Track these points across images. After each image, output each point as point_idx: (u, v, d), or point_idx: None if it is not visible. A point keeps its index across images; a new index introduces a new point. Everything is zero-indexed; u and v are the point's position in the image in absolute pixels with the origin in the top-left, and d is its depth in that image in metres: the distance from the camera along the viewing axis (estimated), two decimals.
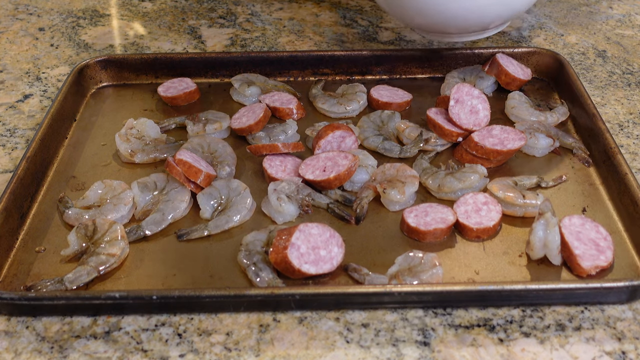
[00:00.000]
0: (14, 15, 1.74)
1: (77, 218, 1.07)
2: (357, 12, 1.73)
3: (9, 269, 1.01)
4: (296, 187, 1.11)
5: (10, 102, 1.40)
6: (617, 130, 1.29)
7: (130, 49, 1.59)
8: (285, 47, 1.59)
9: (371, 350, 0.89)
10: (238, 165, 1.20)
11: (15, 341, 0.91)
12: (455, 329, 0.92)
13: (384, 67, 1.42)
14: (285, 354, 0.89)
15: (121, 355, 0.89)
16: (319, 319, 0.94)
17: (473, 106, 1.21)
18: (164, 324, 0.93)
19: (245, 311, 0.94)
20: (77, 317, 0.94)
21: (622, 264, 1.00)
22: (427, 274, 0.96)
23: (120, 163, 1.22)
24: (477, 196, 1.08)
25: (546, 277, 0.99)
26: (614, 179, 1.12)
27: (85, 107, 1.36)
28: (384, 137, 1.24)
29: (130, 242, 1.04)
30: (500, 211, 1.07)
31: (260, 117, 1.23)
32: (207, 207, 1.09)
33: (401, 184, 1.11)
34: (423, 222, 1.04)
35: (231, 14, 1.73)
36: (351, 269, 0.99)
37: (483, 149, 1.16)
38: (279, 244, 0.97)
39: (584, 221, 1.02)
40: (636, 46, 1.57)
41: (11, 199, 1.06)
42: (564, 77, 1.36)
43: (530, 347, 0.90)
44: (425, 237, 1.04)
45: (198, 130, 1.25)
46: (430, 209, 1.07)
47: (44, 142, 1.19)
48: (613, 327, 0.92)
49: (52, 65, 1.53)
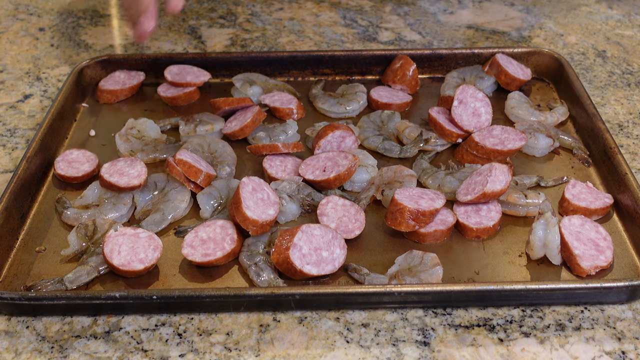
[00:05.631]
0: (14, 15, 1.74)
1: (76, 218, 1.07)
2: (357, 12, 1.73)
3: (9, 269, 1.01)
4: (297, 187, 1.11)
5: (11, 102, 1.40)
6: (617, 130, 1.29)
7: (131, 49, 1.59)
8: (285, 47, 1.59)
9: (371, 350, 0.89)
10: (238, 165, 1.20)
11: (15, 341, 0.91)
12: (455, 329, 0.92)
13: (384, 67, 1.42)
14: (285, 353, 0.89)
15: (121, 355, 0.89)
16: (319, 319, 0.94)
17: (476, 109, 1.21)
18: (164, 324, 0.93)
19: (245, 311, 0.95)
20: (77, 317, 0.94)
21: (622, 264, 1.00)
22: (427, 273, 0.96)
23: None
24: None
25: (546, 277, 0.99)
26: (614, 179, 1.12)
27: (85, 107, 1.36)
28: (384, 137, 1.24)
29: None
30: (500, 211, 1.07)
31: (248, 122, 1.22)
32: (207, 207, 1.09)
33: (399, 184, 1.11)
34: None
35: (231, 14, 1.73)
36: (351, 269, 0.99)
37: (483, 148, 1.16)
38: (281, 244, 0.97)
39: (584, 221, 1.02)
40: (636, 46, 1.57)
41: (11, 199, 1.06)
42: (564, 77, 1.36)
43: (530, 347, 0.90)
44: (425, 238, 1.04)
45: (189, 131, 1.25)
46: None
47: (44, 142, 1.19)
48: (613, 327, 0.92)
49: (52, 65, 1.53)
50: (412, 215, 1.02)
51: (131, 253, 0.98)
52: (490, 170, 1.07)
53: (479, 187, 1.06)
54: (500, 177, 1.06)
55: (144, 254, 0.99)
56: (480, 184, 1.06)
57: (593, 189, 1.10)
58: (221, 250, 1.00)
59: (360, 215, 1.07)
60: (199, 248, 1.00)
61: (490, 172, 1.06)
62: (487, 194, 1.05)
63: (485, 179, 1.06)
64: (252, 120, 1.23)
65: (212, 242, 1.01)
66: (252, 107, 1.27)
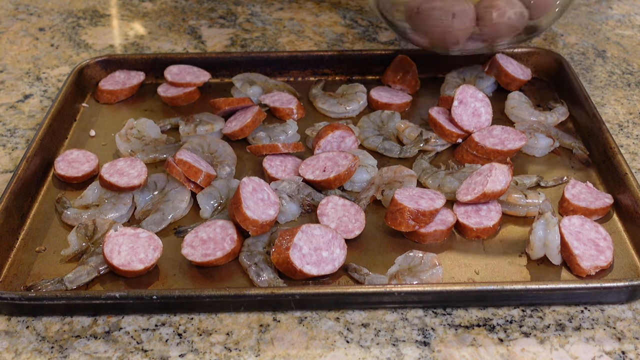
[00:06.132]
0: (14, 15, 1.74)
1: (76, 218, 1.07)
2: (357, 12, 1.73)
3: (9, 269, 1.01)
4: (297, 187, 1.11)
5: (11, 102, 1.40)
6: (617, 130, 1.29)
7: (131, 49, 1.59)
8: (285, 47, 1.59)
9: (371, 350, 0.89)
10: (238, 165, 1.20)
11: (15, 341, 0.91)
12: (455, 329, 0.92)
13: (384, 67, 1.42)
14: (285, 353, 0.89)
15: (121, 355, 0.89)
16: (319, 319, 0.94)
17: (476, 109, 1.21)
18: (164, 324, 0.93)
19: (245, 311, 0.95)
20: (77, 317, 0.94)
21: (622, 264, 1.00)
22: (427, 273, 0.96)
23: None
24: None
25: (546, 277, 0.99)
26: (614, 179, 1.12)
27: (85, 108, 1.36)
28: (384, 137, 1.24)
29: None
30: (500, 211, 1.07)
31: (248, 122, 1.22)
32: (207, 207, 1.09)
33: (399, 184, 1.11)
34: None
35: (231, 14, 1.73)
36: (351, 269, 0.99)
37: (484, 148, 1.16)
38: (281, 244, 0.97)
39: (584, 221, 1.02)
40: (636, 46, 1.57)
41: (11, 199, 1.06)
42: (564, 77, 1.36)
43: (530, 347, 0.90)
44: (425, 238, 1.04)
45: (189, 131, 1.25)
46: None
47: (44, 142, 1.19)
48: (613, 327, 0.92)
49: (52, 65, 1.53)
50: (412, 215, 1.02)
51: (131, 253, 0.98)
52: (490, 170, 1.07)
53: (479, 187, 1.06)
54: (500, 177, 1.06)
55: (144, 254, 0.99)
56: (480, 184, 1.06)
57: (593, 189, 1.10)
58: (221, 250, 1.00)
59: (360, 215, 1.07)
60: (199, 248, 1.00)
61: (490, 172, 1.06)
62: (487, 194, 1.05)
63: (485, 179, 1.06)
64: (252, 120, 1.23)
65: (212, 242, 1.01)
66: (252, 107, 1.27)
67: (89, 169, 1.17)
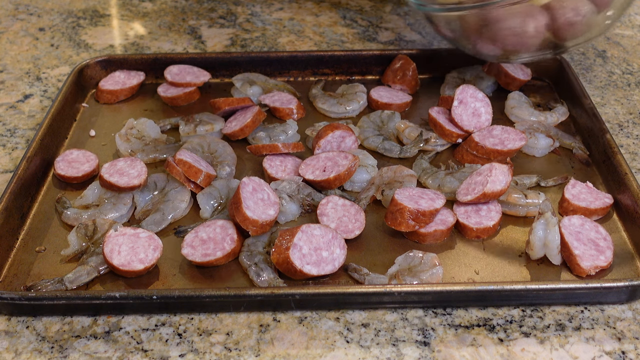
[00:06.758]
0: (14, 15, 1.74)
1: (76, 218, 1.07)
2: (357, 12, 1.73)
3: (9, 269, 1.01)
4: (297, 187, 1.11)
5: (11, 102, 1.40)
6: (617, 130, 1.29)
7: (131, 49, 1.59)
8: (285, 47, 1.59)
9: (371, 350, 0.89)
10: (238, 165, 1.20)
11: (15, 341, 0.91)
12: (455, 329, 0.92)
13: (384, 67, 1.42)
14: (285, 353, 0.89)
15: (121, 355, 0.89)
16: (319, 319, 0.94)
17: (476, 109, 1.21)
18: (164, 324, 0.93)
19: (245, 311, 0.95)
20: (77, 317, 0.94)
21: (622, 264, 1.00)
22: (427, 273, 0.96)
23: None
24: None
25: (546, 277, 0.99)
26: (614, 179, 1.12)
27: (85, 108, 1.36)
28: (384, 137, 1.24)
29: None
30: (500, 211, 1.07)
31: (248, 122, 1.22)
32: (207, 207, 1.09)
33: (399, 184, 1.11)
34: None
35: (231, 14, 1.73)
36: (351, 269, 0.99)
37: (484, 148, 1.16)
38: (281, 244, 0.97)
39: (584, 221, 1.02)
40: (636, 46, 1.57)
41: (11, 199, 1.06)
42: (564, 77, 1.36)
43: (530, 347, 0.90)
44: (425, 239, 1.04)
45: (189, 131, 1.25)
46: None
47: (44, 142, 1.19)
48: (613, 327, 0.92)
49: (52, 65, 1.53)
50: (412, 215, 1.02)
51: (131, 253, 0.98)
52: (490, 171, 1.06)
53: (479, 187, 1.06)
54: (500, 177, 1.06)
55: (144, 254, 0.99)
56: (480, 184, 1.06)
57: (593, 189, 1.10)
58: (221, 250, 1.00)
59: (360, 215, 1.07)
60: (199, 248, 1.00)
61: (490, 172, 1.06)
62: (487, 194, 1.05)
63: (485, 179, 1.06)
64: (252, 120, 1.23)
65: (212, 242, 1.01)
66: (252, 107, 1.27)
67: (89, 169, 1.17)
